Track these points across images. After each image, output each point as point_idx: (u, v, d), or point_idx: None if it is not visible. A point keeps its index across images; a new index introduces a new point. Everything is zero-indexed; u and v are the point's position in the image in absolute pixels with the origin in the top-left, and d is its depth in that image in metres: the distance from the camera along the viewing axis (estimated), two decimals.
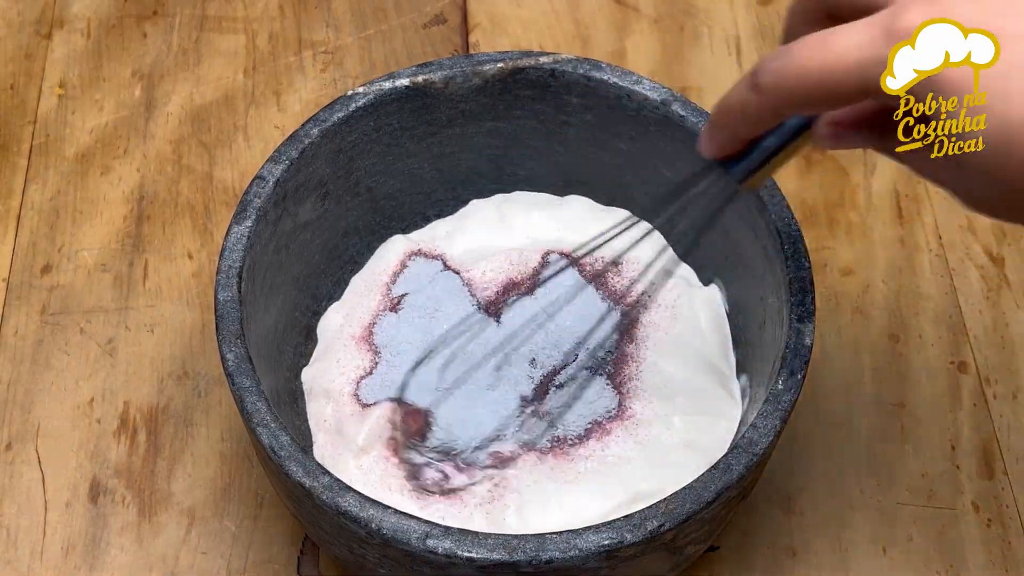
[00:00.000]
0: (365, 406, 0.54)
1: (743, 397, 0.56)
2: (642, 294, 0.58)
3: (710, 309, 0.58)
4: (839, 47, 0.36)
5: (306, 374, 0.57)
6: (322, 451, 0.54)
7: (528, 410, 0.54)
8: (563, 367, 0.55)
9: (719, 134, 0.42)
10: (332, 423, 0.55)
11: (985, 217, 0.44)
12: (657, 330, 0.57)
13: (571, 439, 0.54)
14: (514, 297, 0.57)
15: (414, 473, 0.53)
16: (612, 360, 0.56)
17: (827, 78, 0.36)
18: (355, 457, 0.53)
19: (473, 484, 0.53)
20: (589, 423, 0.54)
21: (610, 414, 0.54)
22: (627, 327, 0.57)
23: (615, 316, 0.57)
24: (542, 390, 0.55)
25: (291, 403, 0.56)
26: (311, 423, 0.55)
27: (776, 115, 0.39)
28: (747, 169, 0.43)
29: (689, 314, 0.57)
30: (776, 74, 0.37)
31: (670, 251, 0.58)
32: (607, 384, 0.55)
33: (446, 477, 0.53)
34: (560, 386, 0.55)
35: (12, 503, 0.58)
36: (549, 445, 0.53)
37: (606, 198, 0.62)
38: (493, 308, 0.57)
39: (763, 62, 0.38)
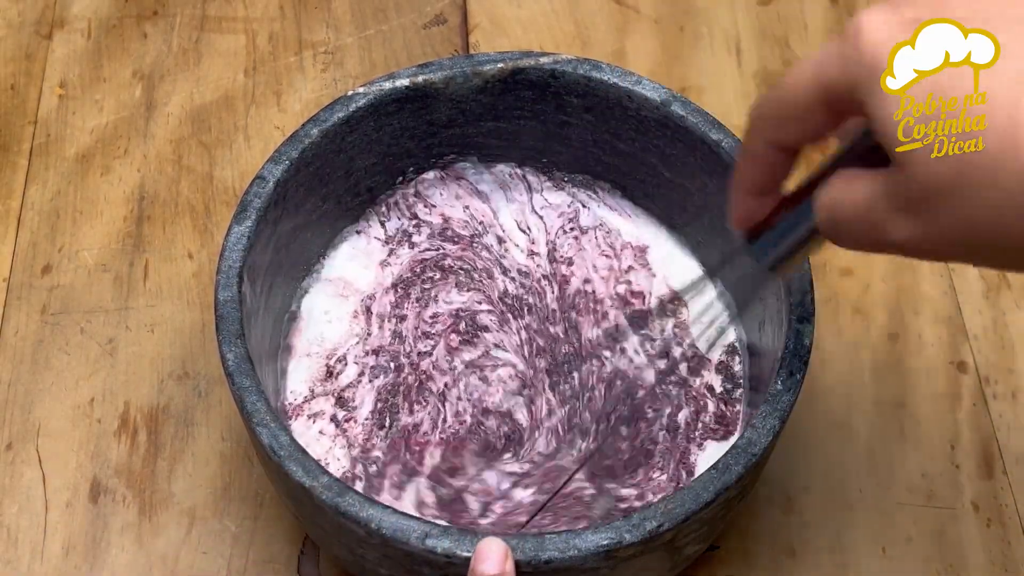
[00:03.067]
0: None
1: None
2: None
3: None
4: (801, 65, 0.38)
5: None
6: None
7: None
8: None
9: (737, 194, 0.42)
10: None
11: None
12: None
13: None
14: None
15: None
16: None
17: (791, 89, 0.38)
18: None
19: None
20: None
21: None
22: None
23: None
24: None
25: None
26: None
27: (765, 142, 0.40)
28: (772, 251, 0.42)
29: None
30: (756, 103, 0.40)
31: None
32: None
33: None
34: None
35: (12, 503, 0.58)
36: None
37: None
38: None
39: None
